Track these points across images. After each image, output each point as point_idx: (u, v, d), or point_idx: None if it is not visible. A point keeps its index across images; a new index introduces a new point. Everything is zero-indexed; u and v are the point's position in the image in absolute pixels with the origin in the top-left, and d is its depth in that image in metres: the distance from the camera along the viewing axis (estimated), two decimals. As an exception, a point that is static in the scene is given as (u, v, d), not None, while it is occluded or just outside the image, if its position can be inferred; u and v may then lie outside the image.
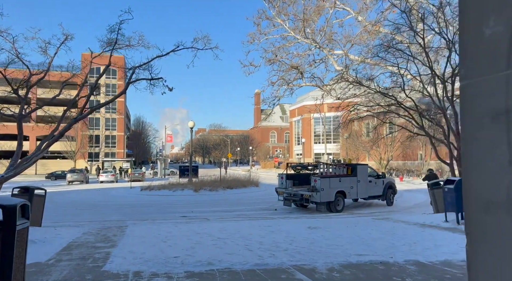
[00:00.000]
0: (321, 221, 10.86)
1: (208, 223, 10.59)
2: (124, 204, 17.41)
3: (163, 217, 12.85)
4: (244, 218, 12.29)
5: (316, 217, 12.55)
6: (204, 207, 15.99)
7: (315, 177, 14.16)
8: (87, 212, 14.88)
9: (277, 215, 13.39)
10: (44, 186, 30.61)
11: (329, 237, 7.96)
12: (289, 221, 10.96)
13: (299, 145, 70.14)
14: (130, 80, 9.73)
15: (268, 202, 17.68)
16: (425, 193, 22.56)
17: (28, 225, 3.74)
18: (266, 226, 9.66)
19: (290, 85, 16.39)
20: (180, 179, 26.72)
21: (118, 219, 12.25)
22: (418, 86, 13.37)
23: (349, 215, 13.09)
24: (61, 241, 7.69)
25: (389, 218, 11.64)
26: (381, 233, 8.53)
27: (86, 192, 24.44)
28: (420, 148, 38.56)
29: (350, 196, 15.00)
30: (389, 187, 16.73)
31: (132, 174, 39.91)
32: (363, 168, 15.83)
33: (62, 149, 59.71)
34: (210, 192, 21.40)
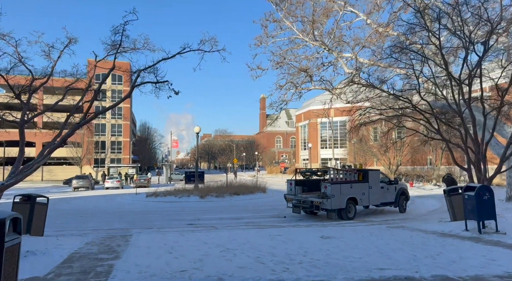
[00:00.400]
0: (334, 230, 10.38)
1: (215, 232, 10.17)
2: (129, 211, 17.05)
3: (169, 225, 12.46)
4: (252, 226, 11.85)
5: (327, 225, 12.06)
6: (211, 214, 15.57)
7: (326, 183, 13.69)
8: (91, 219, 14.54)
9: (287, 222, 12.92)
10: (50, 193, 30.58)
11: (344, 247, 7.49)
12: (300, 230, 10.50)
13: (305, 150, 69.55)
14: (135, 84, 9.40)
15: (276, 209, 17.22)
16: (437, 199, 21.97)
17: (20, 241, 3.35)
18: (277, 235, 9.21)
19: (298, 89, 15.99)
20: (186, 185, 26.35)
21: (123, 228, 11.88)
22: (431, 89, 12.89)
23: (362, 223, 12.58)
24: (62, 252, 7.31)
25: (405, 226, 11.13)
26: (399, 243, 8.04)
27: (92, 199, 24.16)
28: (430, 153, 37.84)
29: (361, 203, 14.50)
30: (401, 194, 16.20)
31: (138, 180, 39.68)
32: (375, 173, 15.32)
33: (68, 155, 59.84)
34: (216, 198, 20.99)
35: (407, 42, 12.36)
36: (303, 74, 15.69)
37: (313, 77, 15.46)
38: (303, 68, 15.16)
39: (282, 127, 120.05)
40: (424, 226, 10.93)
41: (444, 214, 14.88)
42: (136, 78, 9.42)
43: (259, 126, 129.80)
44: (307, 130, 68.98)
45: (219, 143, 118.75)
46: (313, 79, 15.45)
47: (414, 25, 10.70)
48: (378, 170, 15.92)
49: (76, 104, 10.57)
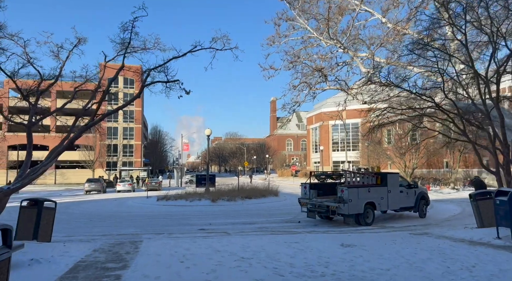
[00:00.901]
0: (353, 237, 9.80)
1: (228, 238, 9.69)
2: (139, 215, 16.72)
3: (180, 230, 12.04)
4: (266, 231, 11.34)
5: (345, 231, 11.47)
6: (223, 219, 15.12)
7: (342, 187, 13.10)
8: (101, 224, 14.23)
9: (302, 228, 12.38)
10: (62, 196, 30.53)
11: (368, 258, 6.92)
12: (317, 237, 9.94)
13: (317, 153, 68.68)
14: (145, 83, 9.03)
15: (290, 213, 16.67)
16: (456, 204, 21.11)
17: (10, 255, 2.93)
18: (293, 243, 8.68)
19: (312, 89, 15.48)
20: (197, 188, 25.99)
21: (133, 233, 11.51)
22: (451, 88, 12.20)
23: (381, 229, 11.95)
24: (68, 260, 6.93)
25: (429, 233, 10.48)
26: (427, 252, 7.43)
27: (103, 202, 23.99)
28: (447, 155, 36.74)
29: (380, 207, 13.85)
30: (421, 198, 15.48)
31: (149, 183, 39.54)
32: (394, 177, 14.66)
33: (81, 158, 60.31)
34: (228, 202, 20.54)
35: (428, 39, 11.73)
36: (317, 74, 15.17)
37: (327, 76, 14.91)
38: (317, 67, 14.65)
39: (293, 130, 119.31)
40: (450, 233, 10.26)
41: (467, 219, 14.13)
42: (146, 77, 9.04)
43: (270, 129, 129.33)
44: (318, 133, 68.16)
45: (229, 146, 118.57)
46: (328, 78, 14.91)
47: (437, 20, 10.08)
48: (397, 173, 15.25)
49: (84, 105, 10.27)
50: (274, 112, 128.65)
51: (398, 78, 11.37)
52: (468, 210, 17.39)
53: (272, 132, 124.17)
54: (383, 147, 38.66)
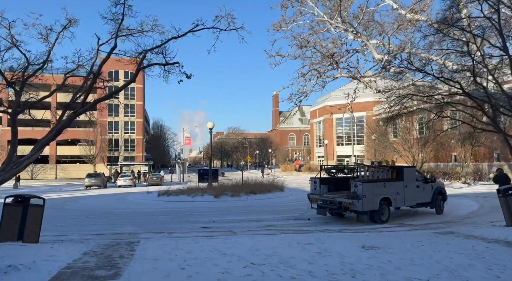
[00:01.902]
0: (373, 237, 8.86)
1: (235, 238, 8.77)
2: (139, 212, 15.84)
3: (181, 229, 11.13)
4: (275, 230, 10.42)
5: (361, 230, 10.53)
6: (227, 216, 14.21)
7: (356, 182, 12.12)
8: (98, 221, 13.35)
9: (313, 226, 11.44)
10: (62, 191, 29.65)
11: (399, 264, 5.97)
12: (332, 237, 9.01)
13: (321, 147, 67.62)
14: (141, 66, 8.06)
15: (298, 210, 15.74)
16: (471, 198, 20.11)
17: None
18: (307, 244, 7.75)
19: (322, 76, 14.45)
20: (199, 183, 25.09)
21: (131, 231, 10.61)
22: (479, 72, 11.11)
23: (400, 228, 11.00)
24: (52, 266, 6.02)
25: (454, 232, 9.53)
26: (464, 256, 6.48)
27: (102, 198, 23.14)
28: (457, 149, 35.64)
29: (396, 203, 12.88)
30: (438, 193, 14.50)
31: (151, 178, 38.73)
32: (411, 171, 13.68)
33: (82, 153, 59.57)
34: (231, 198, 19.63)
35: (451, 18, 10.64)
36: (327, 61, 14.14)
37: (339, 63, 13.88)
38: (329, 52, 13.60)
39: (296, 124, 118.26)
40: (479, 232, 9.31)
41: (490, 216, 13.19)
42: (142, 59, 8.07)
43: (272, 124, 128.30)
44: (322, 127, 67.06)
45: (231, 141, 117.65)
46: (339, 66, 13.88)
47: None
48: (413, 167, 14.30)
49: (75, 92, 9.30)
50: (277, 107, 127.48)
51: (420, 62, 10.31)
52: (487, 206, 16.46)
53: (275, 126, 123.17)
54: (390, 140, 37.59)
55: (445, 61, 10.73)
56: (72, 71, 10.29)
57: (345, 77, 14.66)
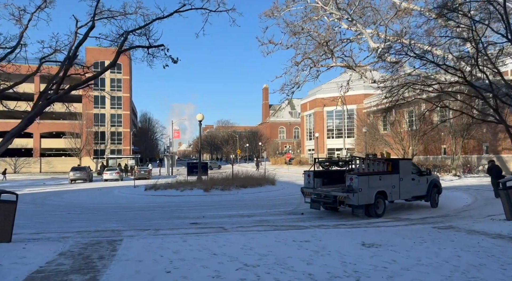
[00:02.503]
0: (372, 233, 8.40)
1: (226, 236, 8.21)
2: (124, 207, 15.14)
3: (168, 225, 10.52)
4: (268, 226, 9.89)
5: (357, 225, 10.09)
6: (217, 211, 13.64)
7: (351, 175, 11.67)
8: (80, 217, 12.63)
9: (308, 221, 10.96)
10: (46, 185, 28.61)
11: (405, 264, 5.50)
12: (329, 233, 8.52)
13: (311, 140, 67.39)
14: (122, 48, 7.34)
15: (290, 204, 15.26)
16: (463, 191, 19.96)
17: None
18: (304, 242, 7.24)
19: (317, 66, 13.89)
20: (188, 177, 24.41)
21: (114, 228, 9.94)
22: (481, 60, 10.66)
23: (397, 222, 10.60)
24: (21, 271, 5.37)
25: (454, 226, 9.15)
26: (472, 254, 6.05)
27: (86, 192, 22.28)
28: (447, 141, 35.68)
29: (391, 197, 12.50)
30: (433, 186, 14.21)
31: (138, 171, 37.82)
32: (406, 163, 13.31)
33: (67, 146, 58.08)
34: (222, 191, 19.05)
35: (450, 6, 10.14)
36: (322, 50, 13.55)
37: (334, 52, 13.32)
38: (324, 40, 13.01)
39: (286, 117, 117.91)
40: (479, 226, 8.95)
41: (486, 209, 12.93)
42: (123, 41, 7.35)
43: (262, 117, 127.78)
44: (313, 120, 66.76)
45: (221, 134, 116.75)
46: (334, 54, 13.32)
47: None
48: (409, 160, 13.92)
49: (51, 78, 8.53)
50: (267, 100, 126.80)
51: (420, 50, 9.81)
52: (481, 199, 16.27)
53: (265, 119, 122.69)
54: (380, 133, 37.43)
55: (445, 51, 10.26)
56: (49, 56, 9.49)
57: (340, 66, 14.13)
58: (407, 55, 9.62)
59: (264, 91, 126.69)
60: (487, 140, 33.46)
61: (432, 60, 9.32)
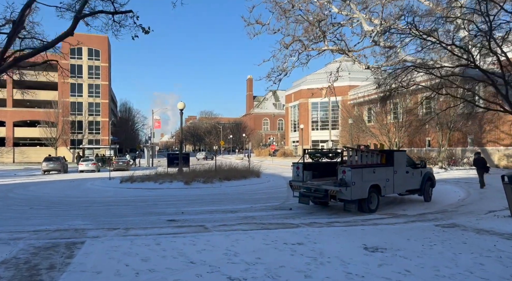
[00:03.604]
0: (371, 233, 7.48)
1: (206, 237, 7.13)
2: (96, 201, 13.82)
3: (142, 223, 9.35)
4: (254, 224, 8.86)
5: (353, 222, 9.19)
6: (198, 206, 12.53)
7: (344, 168, 10.74)
8: (43, 213, 11.27)
9: (297, 218, 10.00)
10: (16, 176, 26.67)
11: (422, 275, 4.57)
12: (324, 233, 7.56)
13: (295, 132, 66.77)
14: (81, 13, 6.04)
15: (277, 198, 14.29)
16: (453, 184, 19.49)
17: None
18: (297, 245, 6.25)
19: (308, 49, 12.81)
20: (168, 168, 23.14)
21: (78, 227, 8.70)
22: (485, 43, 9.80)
23: (395, 219, 9.76)
24: None
25: (459, 224, 8.37)
26: (497, 262, 5.19)
27: (57, 184, 20.69)
28: (430, 134, 35.52)
29: (385, 191, 11.67)
30: (427, 179, 13.53)
31: (116, 162, 36.15)
32: (401, 155, 12.51)
33: (42, 135, 55.32)
34: (204, 184, 17.91)
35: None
36: (313, 31, 12.48)
37: (326, 34, 12.27)
38: (316, 18, 11.91)
39: (270, 109, 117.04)
40: (486, 224, 8.20)
41: (483, 204, 12.31)
42: (83, 5, 6.04)
43: (246, 108, 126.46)
44: (297, 111, 66.02)
45: (204, 125, 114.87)
46: (326, 37, 12.27)
47: None
48: (404, 151, 13.13)
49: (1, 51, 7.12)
50: (251, 91, 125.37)
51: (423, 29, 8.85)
52: (474, 193, 15.71)
53: (249, 111, 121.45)
54: (366, 125, 36.93)
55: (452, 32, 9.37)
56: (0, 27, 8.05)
57: (332, 51, 13.10)
58: (410, 35, 8.66)
59: (248, 82, 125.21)
60: (472, 132, 33.42)
61: (438, 39, 8.38)
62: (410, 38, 8.83)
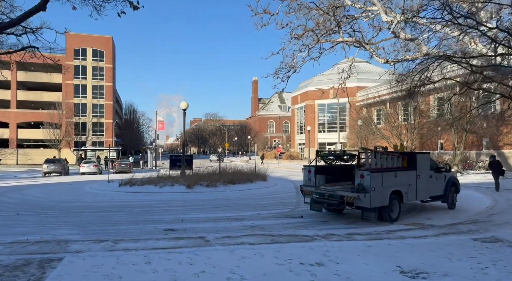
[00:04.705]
0: (403, 249, 6.32)
1: (207, 253, 6.03)
2: (90, 206, 12.79)
3: (136, 233, 8.27)
4: (263, 236, 7.73)
5: (375, 234, 8.03)
6: (200, 212, 11.44)
7: (362, 171, 9.59)
8: (29, 220, 10.24)
9: (311, 227, 8.86)
10: (16, 178, 25.78)
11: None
12: (345, 249, 6.41)
13: (302, 134, 65.54)
14: (55, -16, 4.99)
15: (285, 204, 13.16)
16: (474, 190, 18.13)
17: None
18: (317, 266, 5.12)
19: (320, 41, 11.71)
20: (170, 171, 22.10)
21: (62, 238, 7.64)
22: None
23: (422, 231, 8.57)
24: None
25: (501, 238, 7.21)
26: None
27: (54, 187, 19.73)
28: (443, 135, 34.13)
29: (407, 198, 10.49)
30: (451, 185, 12.32)
31: (118, 164, 35.26)
32: (424, 158, 11.34)
33: (45, 137, 54.63)
34: (207, 188, 16.83)
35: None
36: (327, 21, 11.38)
37: (341, 25, 11.16)
38: (334, 3, 10.80)
39: (275, 111, 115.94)
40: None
41: None
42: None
43: (251, 110, 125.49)
44: (303, 113, 64.78)
45: (209, 127, 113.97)
46: (341, 27, 11.16)
47: None
48: (427, 153, 11.95)
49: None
50: (256, 93, 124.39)
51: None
52: (501, 200, 14.31)
53: (254, 113, 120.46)
54: (376, 127, 35.61)
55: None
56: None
57: (347, 43, 11.97)
58: (444, 20, 7.51)
59: (254, 84, 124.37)
60: (488, 134, 31.98)
61: (479, 22, 7.20)
62: (442, 23, 7.66)
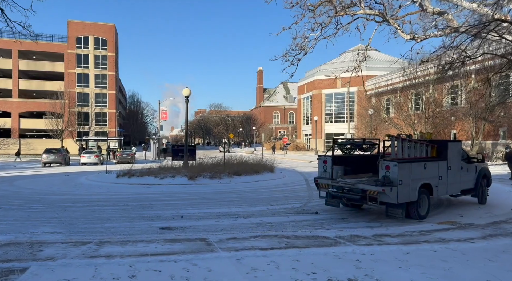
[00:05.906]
0: (451, 258, 5.07)
1: (207, 262, 4.83)
2: (81, 200, 11.66)
3: (126, 232, 7.10)
4: (275, 238, 6.52)
5: (410, 236, 6.78)
6: (202, 207, 10.25)
7: (388, 162, 8.31)
8: (10, 215, 9.13)
9: (330, 227, 7.63)
10: (16, 168, 24.77)
11: None
12: (380, 257, 5.18)
13: (308, 124, 64.08)
14: None
15: (296, 197, 11.94)
16: (498, 181, 16.83)
17: None
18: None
19: (339, 13, 10.33)
20: (173, 162, 20.97)
21: (38, 239, 6.49)
22: None
23: (463, 231, 7.30)
24: None
25: None
26: None
27: (48, 178, 18.68)
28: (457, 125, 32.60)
29: (437, 192, 9.22)
30: (483, 177, 11.01)
31: (120, 155, 34.25)
32: (456, 146, 10.02)
33: (48, 127, 53.76)
34: (210, 180, 15.64)
35: None
36: None
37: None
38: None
39: (280, 101, 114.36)
40: None
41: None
42: None
43: (256, 101, 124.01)
44: (310, 103, 63.19)
45: (214, 118, 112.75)
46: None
47: None
48: (459, 142, 10.58)
49: None
50: (261, 83, 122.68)
51: None
52: (533, 193, 13.18)
53: (259, 104, 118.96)
54: (387, 116, 34.13)
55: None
56: None
57: (369, 16, 10.58)
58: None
59: (259, 74, 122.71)
60: (505, 124, 30.41)
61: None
62: None
